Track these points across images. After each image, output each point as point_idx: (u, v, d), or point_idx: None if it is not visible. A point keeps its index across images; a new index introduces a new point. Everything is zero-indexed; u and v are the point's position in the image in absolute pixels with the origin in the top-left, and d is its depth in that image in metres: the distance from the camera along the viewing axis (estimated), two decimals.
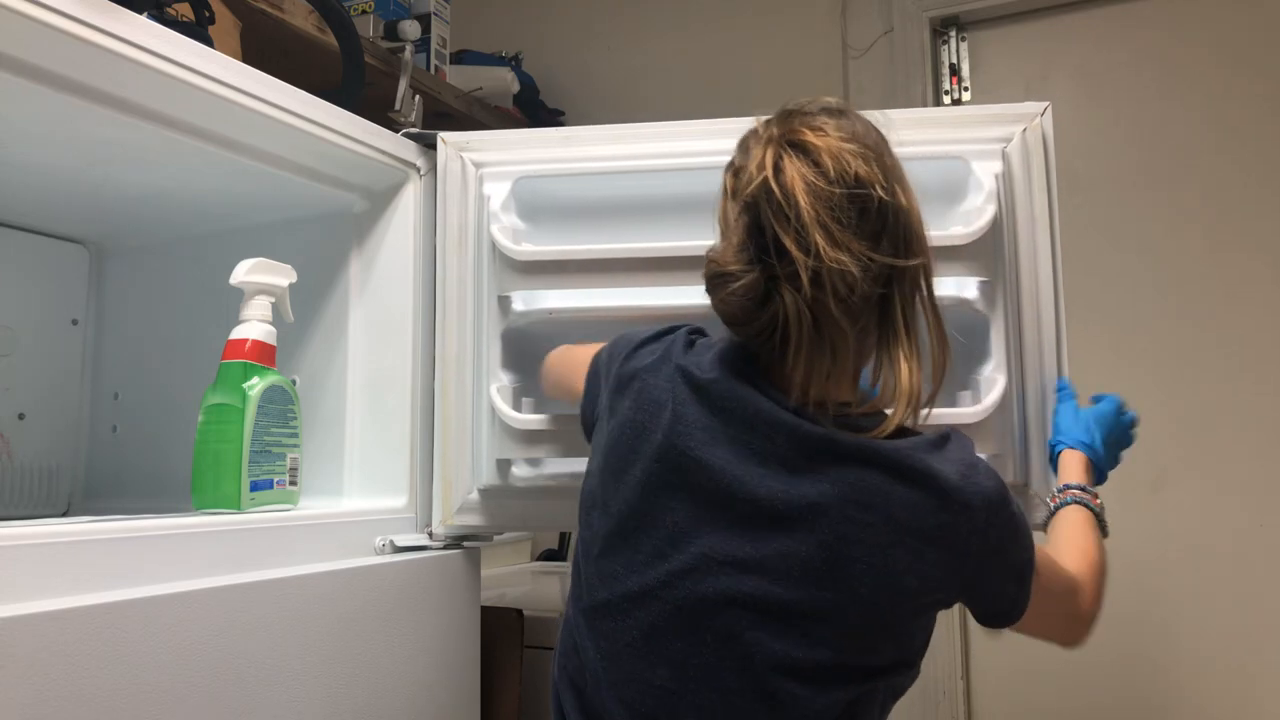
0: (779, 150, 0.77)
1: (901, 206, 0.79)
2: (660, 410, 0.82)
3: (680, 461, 0.80)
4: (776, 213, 0.75)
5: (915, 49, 1.79)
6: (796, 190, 0.75)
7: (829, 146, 0.76)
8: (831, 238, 0.74)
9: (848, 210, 0.75)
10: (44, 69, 0.88)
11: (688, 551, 0.79)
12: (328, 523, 1.10)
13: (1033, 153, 1.10)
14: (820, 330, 0.76)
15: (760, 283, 0.76)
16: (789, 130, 0.79)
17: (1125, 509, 1.61)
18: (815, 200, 0.75)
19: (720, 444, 0.79)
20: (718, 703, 0.78)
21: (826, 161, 0.76)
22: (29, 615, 0.75)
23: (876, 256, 0.76)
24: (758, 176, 0.77)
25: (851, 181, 0.75)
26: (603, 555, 0.83)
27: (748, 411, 0.80)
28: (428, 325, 1.23)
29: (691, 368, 0.83)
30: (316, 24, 1.38)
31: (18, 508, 1.36)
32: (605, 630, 0.82)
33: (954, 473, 0.77)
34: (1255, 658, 1.52)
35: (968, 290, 1.09)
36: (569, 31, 2.09)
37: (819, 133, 0.77)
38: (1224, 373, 1.57)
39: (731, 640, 0.77)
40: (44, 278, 1.42)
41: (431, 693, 1.16)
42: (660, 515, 0.80)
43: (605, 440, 0.86)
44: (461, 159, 1.21)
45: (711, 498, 0.79)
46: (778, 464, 0.78)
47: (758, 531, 0.77)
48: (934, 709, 1.67)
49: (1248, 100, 1.60)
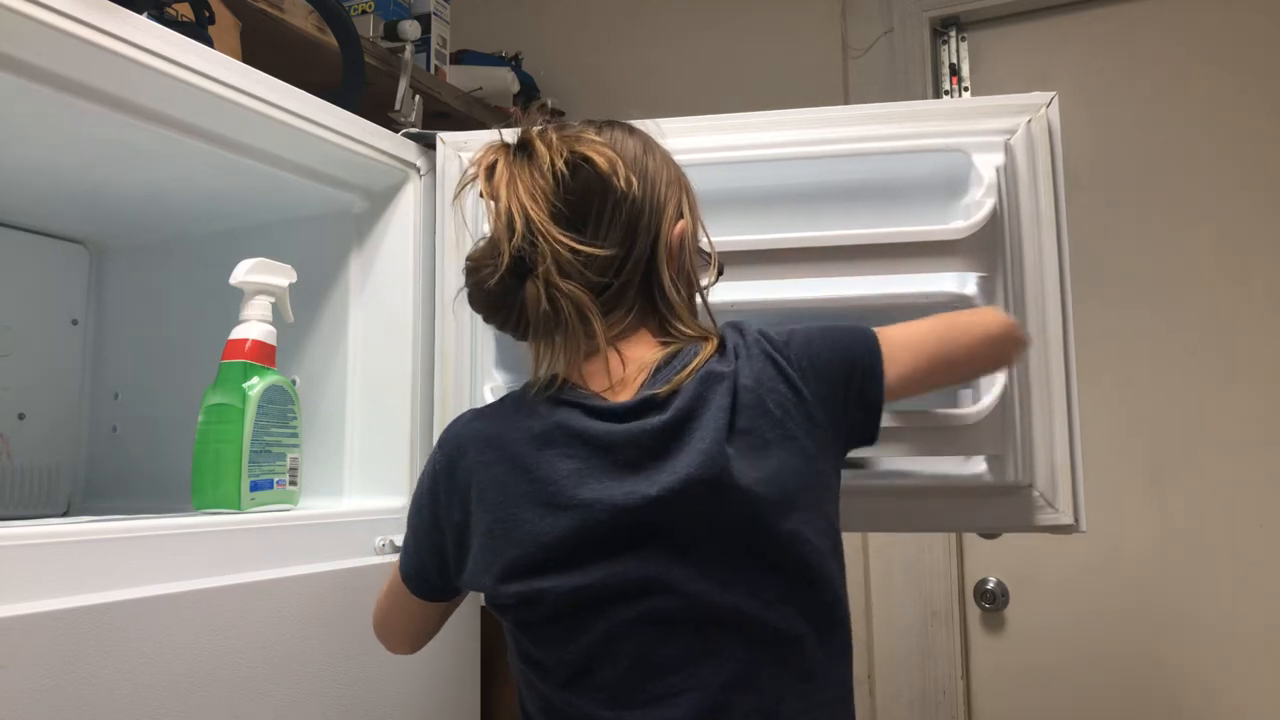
0: (496, 156, 0.84)
1: (630, 190, 0.84)
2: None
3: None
4: (493, 210, 0.82)
5: (915, 49, 1.79)
6: (502, 186, 0.82)
7: (553, 141, 0.83)
8: (539, 223, 0.80)
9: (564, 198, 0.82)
10: (44, 69, 0.88)
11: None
12: (328, 523, 1.10)
13: (1038, 144, 1.08)
14: (559, 313, 0.80)
15: (503, 272, 0.81)
16: (518, 138, 0.85)
17: (1125, 508, 1.61)
18: (523, 192, 0.81)
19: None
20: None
21: (543, 157, 0.82)
22: (29, 615, 0.75)
23: (581, 246, 0.80)
24: (470, 177, 0.85)
25: (567, 173, 0.81)
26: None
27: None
28: (428, 325, 1.23)
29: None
30: (316, 24, 1.38)
31: (18, 508, 1.36)
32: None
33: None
34: (1256, 658, 1.52)
35: (967, 286, 1.08)
36: (569, 31, 2.09)
37: (544, 136, 0.84)
38: (1224, 372, 1.57)
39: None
40: (44, 278, 1.42)
41: (431, 693, 1.16)
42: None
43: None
44: (460, 159, 1.21)
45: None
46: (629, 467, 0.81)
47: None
48: (934, 709, 1.67)
49: (1248, 101, 1.60)
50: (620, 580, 0.77)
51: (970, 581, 1.71)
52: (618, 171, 0.83)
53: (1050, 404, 1.07)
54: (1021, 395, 1.07)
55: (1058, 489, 1.06)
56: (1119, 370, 1.62)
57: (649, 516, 0.77)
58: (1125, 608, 1.60)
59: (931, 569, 1.69)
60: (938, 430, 1.05)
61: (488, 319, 0.86)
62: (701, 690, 0.76)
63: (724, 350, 0.84)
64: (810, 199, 1.16)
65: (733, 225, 1.12)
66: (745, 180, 1.16)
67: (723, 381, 0.80)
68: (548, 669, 0.80)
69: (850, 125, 1.13)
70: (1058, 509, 1.06)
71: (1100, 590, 1.61)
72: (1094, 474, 1.11)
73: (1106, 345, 1.60)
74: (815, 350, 0.84)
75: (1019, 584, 1.67)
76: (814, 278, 1.08)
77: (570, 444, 0.80)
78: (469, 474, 0.83)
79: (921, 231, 1.06)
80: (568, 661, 0.79)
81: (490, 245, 0.83)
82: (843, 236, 1.06)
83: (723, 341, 0.85)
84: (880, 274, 1.07)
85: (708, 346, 0.84)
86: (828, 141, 1.12)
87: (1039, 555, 1.64)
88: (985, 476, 1.08)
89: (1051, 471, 1.06)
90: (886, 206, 1.13)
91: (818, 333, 0.86)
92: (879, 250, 1.05)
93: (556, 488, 0.79)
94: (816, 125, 1.13)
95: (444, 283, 1.21)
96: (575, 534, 0.78)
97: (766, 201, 1.17)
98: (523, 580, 0.78)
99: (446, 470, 0.85)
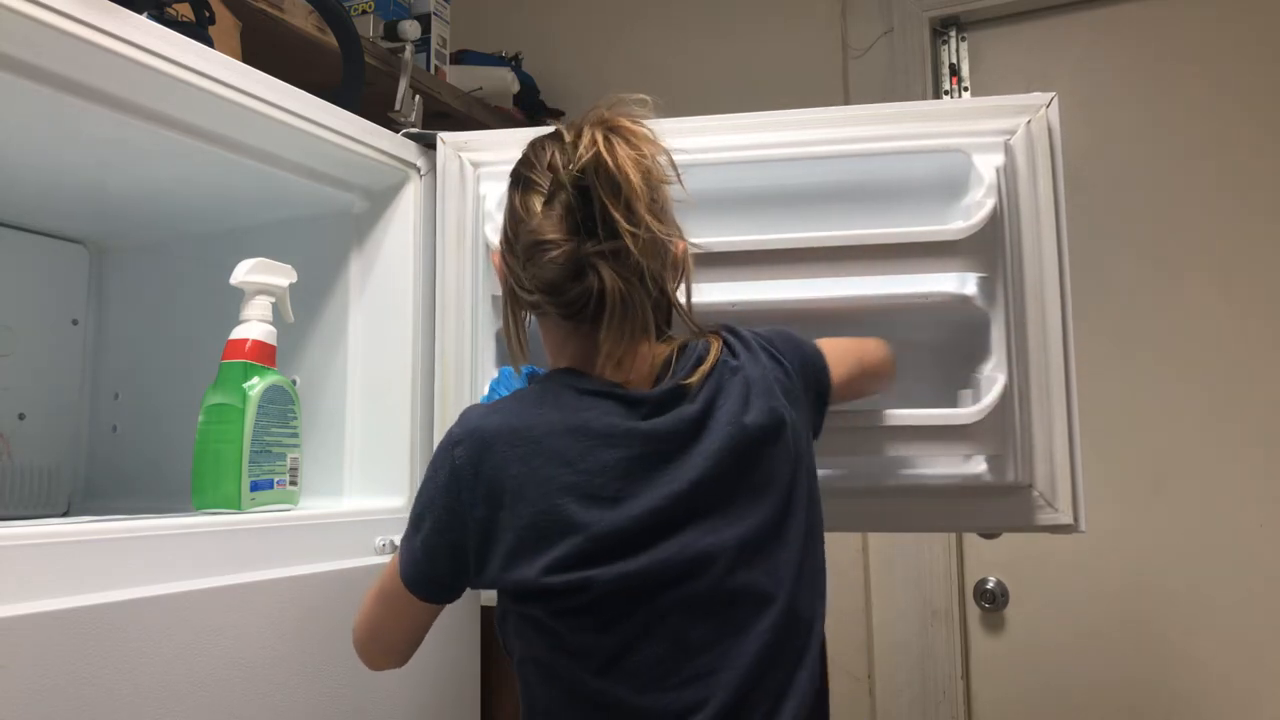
0: (606, 132, 0.83)
1: (670, 197, 0.88)
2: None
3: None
4: (606, 186, 0.81)
5: (915, 49, 1.79)
6: (628, 167, 0.81)
7: (645, 135, 0.85)
8: (652, 213, 0.83)
9: (658, 191, 0.85)
10: (44, 69, 0.88)
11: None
12: (328, 523, 1.10)
13: (1038, 144, 1.09)
14: (628, 303, 0.83)
15: (580, 253, 0.82)
16: (610, 118, 0.85)
17: (1125, 509, 1.61)
18: (643, 178, 0.82)
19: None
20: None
21: (644, 147, 0.84)
22: (29, 615, 0.75)
23: (663, 232, 0.84)
24: (588, 153, 0.82)
25: (657, 169, 0.85)
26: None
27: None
28: (428, 325, 1.23)
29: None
30: (316, 24, 1.38)
31: (18, 508, 1.36)
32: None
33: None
34: (1256, 658, 1.52)
35: (967, 286, 1.08)
36: (569, 31, 2.09)
37: (638, 123, 0.86)
38: (1224, 372, 1.57)
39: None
40: (44, 278, 1.42)
41: (431, 692, 1.16)
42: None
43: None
44: (460, 159, 1.21)
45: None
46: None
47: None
48: (934, 708, 1.67)
49: (1247, 101, 1.60)
50: (662, 565, 0.80)
51: (970, 581, 1.71)
52: (671, 171, 0.88)
53: (1050, 404, 1.07)
54: (1021, 395, 1.07)
55: (1057, 489, 1.06)
56: (1118, 370, 1.62)
57: (688, 501, 0.81)
58: (1125, 607, 1.60)
59: (931, 569, 1.69)
60: (938, 430, 1.05)
61: (552, 298, 0.84)
62: (731, 669, 0.80)
63: (728, 347, 0.90)
64: (811, 199, 1.16)
65: (733, 226, 1.12)
66: (746, 181, 1.16)
67: (737, 374, 0.87)
68: (584, 656, 0.81)
69: (850, 126, 1.13)
70: (1057, 509, 1.06)
71: (1100, 590, 1.61)
72: (1094, 474, 1.11)
73: (1106, 345, 1.60)
74: (790, 346, 0.94)
75: (1019, 584, 1.67)
76: (814, 278, 1.08)
77: (611, 435, 0.82)
78: (499, 469, 0.83)
79: (922, 232, 1.06)
80: (605, 646, 0.81)
81: (567, 222, 0.82)
82: (843, 237, 1.06)
83: (724, 340, 0.91)
84: (881, 274, 1.07)
85: (715, 343, 0.89)
86: (828, 142, 1.12)
87: (1039, 555, 1.64)
88: (985, 476, 1.08)
89: (1051, 471, 1.06)
90: (887, 207, 1.13)
91: (787, 332, 0.96)
92: (879, 250, 1.05)
93: (604, 479, 0.81)
94: (817, 126, 1.13)
95: (444, 283, 1.21)
96: (627, 523, 0.80)
97: (767, 202, 1.17)
98: (572, 571, 0.80)
99: (470, 466, 0.84)
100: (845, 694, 1.72)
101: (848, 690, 1.72)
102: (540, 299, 0.85)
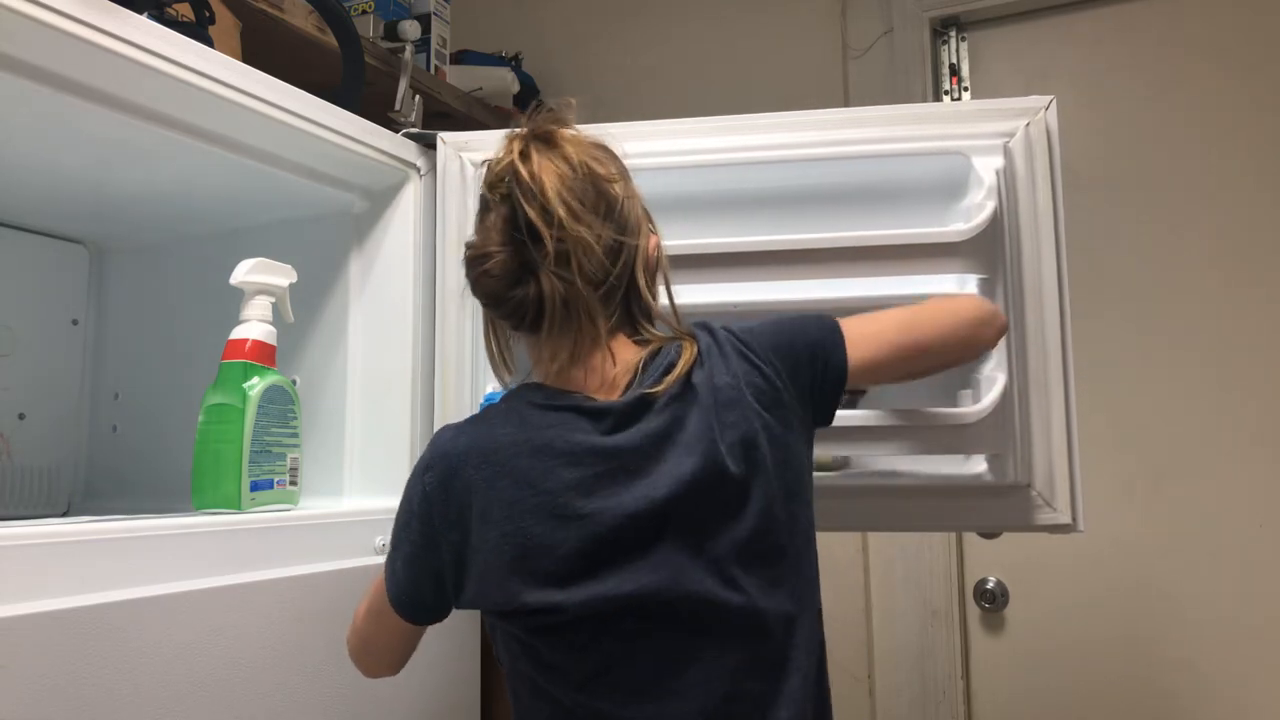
0: (526, 141, 0.84)
1: (625, 197, 0.86)
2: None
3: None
4: (524, 194, 0.81)
5: (915, 49, 1.79)
6: (543, 173, 0.82)
7: (574, 137, 0.86)
8: (581, 214, 0.81)
9: (600, 191, 0.84)
10: (44, 69, 0.88)
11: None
12: (328, 523, 1.10)
13: (1036, 147, 1.09)
14: (570, 307, 0.82)
15: (515, 262, 0.81)
16: (538, 126, 0.86)
17: (1126, 508, 1.61)
18: (562, 182, 0.82)
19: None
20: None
21: (569, 150, 0.84)
22: (29, 615, 0.75)
23: (604, 233, 0.83)
24: (504, 164, 0.84)
25: (587, 171, 0.84)
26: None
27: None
28: (428, 325, 1.23)
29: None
30: (316, 24, 1.38)
31: (18, 508, 1.36)
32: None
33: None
34: (1256, 658, 1.52)
35: (967, 287, 1.09)
36: (569, 31, 2.09)
37: (567, 126, 0.86)
38: (1223, 372, 1.57)
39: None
40: (44, 278, 1.42)
41: (432, 693, 1.16)
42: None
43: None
44: (460, 159, 1.21)
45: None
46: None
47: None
48: (934, 709, 1.67)
49: (1247, 100, 1.60)
50: (635, 586, 0.78)
51: (970, 581, 1.71)
52: (621, 170, 0.86)
53: (1049, 404, 1.07)
54: (1021, 395, 1.07)
55: (1056, 489, 1.06)
56: (1118, 370, 1.62)
57: (657, 520, 0.79)
58: (1125, 608, 1.60)
59: (931, 569, 1.69)
60: (938, 430, 1.05)
61: (494, 309, 0.86)
62: (714, 681, 0.79)
63: (700, 351, 0.86)
64: (810, 201, 1.16)
65: (734, 227, 1.12)
66: (746, 182, 1.17)
67: (707, 381, 0.83)
68: (563, 673, 0.81)
69: (850, 128, 1.13)
70: (1056, 509, 1.06)
71: (1100, 590, 1.61)
72: (1093, 474, 1.11)
73: (1106, 345, 1.60)
74: (780, 339, 0.88)
75: (1019, 584, 1.67)
76: (814, 279, 1.09)
77: (573, 453, 0.80)
78: (466, 492, 0.82)
79: (922, 234, 1.06)
80: (584, 664, 0.80)
81: (503, 232, 0.83)
82: (843, 238, 1.06)
83: (697, 343, 0.87)
84: (881, 276, 1.07)
85: (688, 347, 0.86)
86: (828, 144, 1.12)
87: (1039, 555, 1.64)
88: (985, 476, 1.09)
89: (1050, 471, 1.06)
90: (887, 208, 1.13)
91: (785, 321, 0.91)
92: (880, 252, 1.05)
93: (566, 499, 0.79)
94: (816, 127, 1.14)
95: (444, 283, 1.21)
96: (589, 543, 0.78)
97: (768, 203, 1.17)
98: (540, 591, 0.79)
99: (440, 490, 0.84)
100: (845, 694, 1.72)
101: (848, 690, 1.72)
102: (488, 311, 0.87)
